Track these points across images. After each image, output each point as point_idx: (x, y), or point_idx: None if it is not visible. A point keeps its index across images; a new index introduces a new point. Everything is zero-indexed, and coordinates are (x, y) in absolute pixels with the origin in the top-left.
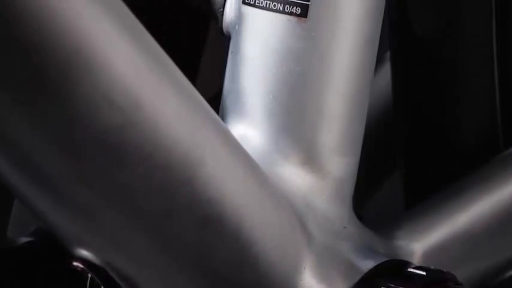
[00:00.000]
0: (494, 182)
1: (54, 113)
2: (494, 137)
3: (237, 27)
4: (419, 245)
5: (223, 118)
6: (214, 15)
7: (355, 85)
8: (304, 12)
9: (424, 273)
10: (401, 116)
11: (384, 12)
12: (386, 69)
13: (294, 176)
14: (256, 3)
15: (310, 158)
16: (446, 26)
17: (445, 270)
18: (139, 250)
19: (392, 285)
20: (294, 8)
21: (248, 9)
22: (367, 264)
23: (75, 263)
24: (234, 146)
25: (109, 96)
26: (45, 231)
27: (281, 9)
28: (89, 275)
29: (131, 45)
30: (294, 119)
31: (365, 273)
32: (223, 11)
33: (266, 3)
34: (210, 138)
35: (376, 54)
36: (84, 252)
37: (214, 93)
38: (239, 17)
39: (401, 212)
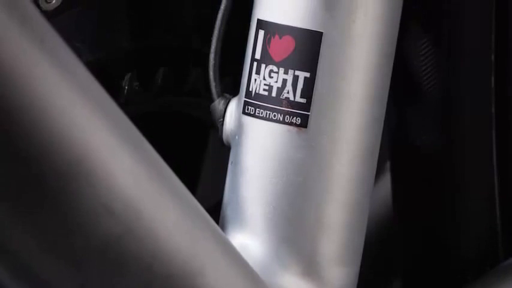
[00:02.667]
0: None
1: (55, 223)
2: (493, 247)
3: (237, 137)
4: None
5: (223, 228)
6: (214, 125)
7: (355, 196)
8: (304, 123)
9: None
10: (401, 225)
11: (384, 122)
12: (387, 178)
13: (294, 286)
14: (256, 114)
15: (310, 269)
16: (446, 136)
17: None
18: None
19: None
20: (294, 118)
21: (248, 120)
22: None
23: None
24: (234, 256)
25: (109, 206)
26: None
27: (281, 119)
28: None
29: (131, 156)
30: (294, 230)
31: None
32: (223, 121)
33: (266, 113)
34: (209, 249)
35: (376, 164)
36: None
37: (214, 203)
38: (239, 127)
39: None
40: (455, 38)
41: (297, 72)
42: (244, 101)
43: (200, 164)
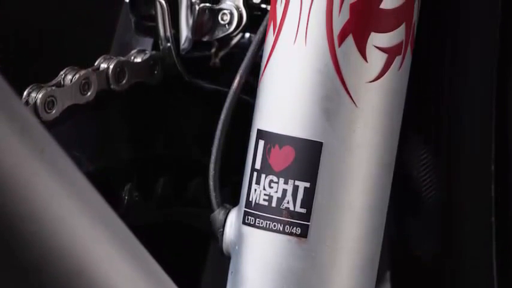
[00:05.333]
0: None
1: None
2: None
3: (237, 247)
4: None
5: None
6: (214, 235)
7: None
8: (304, 233)
9: None
10: None
11: (384, 231)
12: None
13: None
14: (257, 224)
15: None
16: (447, 246)
17: None
18: None
19: None
20: (294, 228)
21: (248, 230)
22: None
23: None
24: None
25: None
26: None
27: (281, 229)
28: None
29: (132, 267)
30: None
31: None
32: (223, 232)
33: (266, 223)
34: None
35: (376, 274)
36: None
37: None
38: (239, 237)
39: None
40: (455, 148)
41: (297, 182)
42: (244, 211)
43: (200, 274)
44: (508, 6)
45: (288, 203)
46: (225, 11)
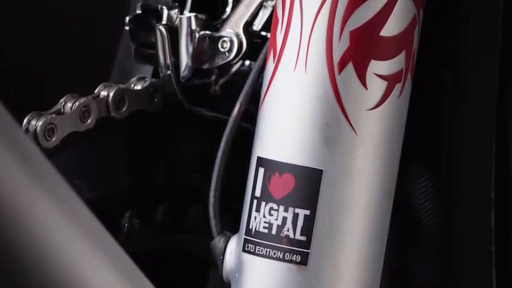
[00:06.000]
0: None
1: None
2: None
3: (237, 275)
4: None
5: None
6: (214, 262)
7: None
8: (304, 260)
9: None
10: None
11: (384, 261)
12: None
13: None
14: (257, 251)
15: None
16: (446, 274)
17: None
18: None
19: None
20: (294, 256)
21: (248, 257)
22: None
23: None
24: None
25: None
26: None
27: (281, 257)
28: None
29: None
30: None
31: None
32: (223, 259)
33: (266, 251)
34: None
35: None
36: None
37: None
38: (239, 264)
39: None
40: (455, 176)
41: (297, 210)
42: (244, 238)
43: None
44: (508, 31)
45: (288, 230)
46: (225, 39)
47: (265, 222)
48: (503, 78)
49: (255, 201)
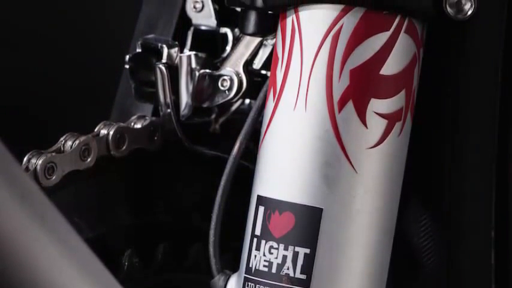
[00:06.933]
0: None
1: None
2: None
3: None
4: None
5: None
6: None
7: None
8: None
9: None
10: None
11: None
12: None
13: None
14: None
15: None
16: None
17: None
18: None
19: None
20: None
21: None
22: None
23: None
24: None
25: None
26: None
27: None
28: None
29: None
30: None
31: None
32: None
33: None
34: None
35: None
36: None
37: None
38: None
39: None
40: (455, 214)
41: (297, 249)
42: (245, 277)
43: None
44: (509, 72)
45: (288, 269)
46: (225, 77)
47: (265, 260)
48: (504, 113)
49: (255, 239)
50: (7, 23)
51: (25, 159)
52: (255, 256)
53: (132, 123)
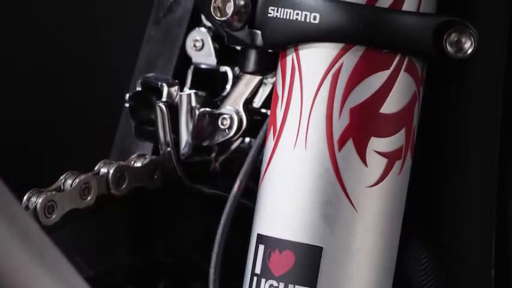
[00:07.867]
0: None
1: None
2: None
3: None
4: None
5: None
6: None
7: None
8: None
9: None
10: None
11: None
12: None
13: None
14: None
15: None
16: None
17: None
18: None
19: None
20: None
21: None
22: None
23: None
24: None
25: None
26: None
27: None
28: None
29: None
30: None
31: None
32: None
33: None
34: None
35: None
36: None
37: None
38: None
39: None
40: (455, 253)
41: (297, 287)
42: None
43: None
44: (508, 109)
45: None
46: (225, 116)
47: None
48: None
49: (255, 278)
50: (8, 63)
51: (25, 197)
52: None
53: (132, 162)
